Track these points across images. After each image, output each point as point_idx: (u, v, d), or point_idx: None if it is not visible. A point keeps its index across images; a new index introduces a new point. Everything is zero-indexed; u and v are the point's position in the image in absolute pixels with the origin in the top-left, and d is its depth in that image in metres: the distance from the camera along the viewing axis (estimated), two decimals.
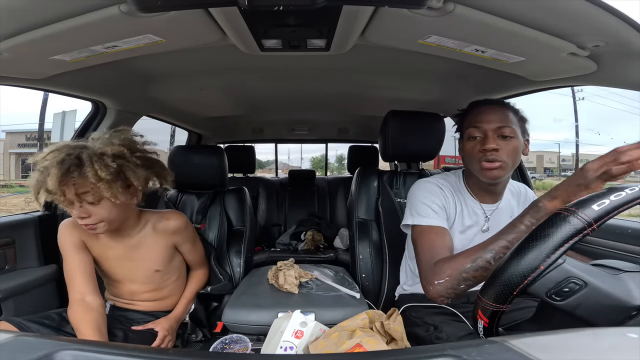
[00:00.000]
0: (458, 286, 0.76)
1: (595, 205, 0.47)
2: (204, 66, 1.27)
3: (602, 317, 0.47)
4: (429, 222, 0.94)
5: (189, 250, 1.15)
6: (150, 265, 1.05)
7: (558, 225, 0.47)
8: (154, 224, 1.05)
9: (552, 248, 0.46)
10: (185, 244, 1.13)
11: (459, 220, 1.01)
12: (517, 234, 0.69)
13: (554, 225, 0.47)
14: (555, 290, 0.47)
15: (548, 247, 0.46)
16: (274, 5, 0.62)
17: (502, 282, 0.48)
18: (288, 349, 0.69)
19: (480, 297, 0.51)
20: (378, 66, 1.28)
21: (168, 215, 1.09)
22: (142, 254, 1.03)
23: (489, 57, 0.91)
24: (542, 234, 0.47)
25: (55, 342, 0.37)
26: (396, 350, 0.55)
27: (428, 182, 1.02)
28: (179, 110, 1.89)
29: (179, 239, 1.10)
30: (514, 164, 0.92)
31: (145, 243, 1.03)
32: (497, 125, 0.90)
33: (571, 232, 0.46)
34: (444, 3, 0.67)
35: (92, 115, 1.43)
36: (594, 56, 0.85)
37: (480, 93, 1.39)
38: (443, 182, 1.03)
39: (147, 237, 1.04)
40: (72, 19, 0.71)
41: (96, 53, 0.87)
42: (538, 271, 0.46)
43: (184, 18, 0.75)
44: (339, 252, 2.31)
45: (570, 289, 0.47)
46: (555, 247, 0.46)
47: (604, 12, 0.65)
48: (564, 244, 0.46)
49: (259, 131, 2.69)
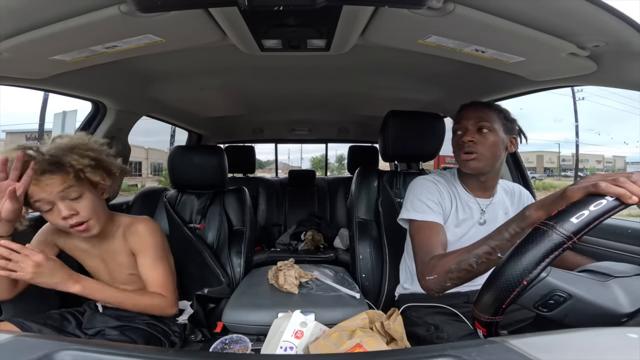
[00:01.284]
0: (445, 284, 0.80)
1: (574, 218, 0.48)
2: (204, 66, 1.27)
3: (591, 325, 0.48)
4: (424, 218, 0.98)
5: (148, 266, 0.98)
6: (124, 269, 1.02)
7: (538, 242, 0.48)
8: (124, 227, 1.01)
9: (533, 263, 0.47)
10: (143, 253, 0.98)
11: (454, 214, 1.05)
12: (501, 241, 0.70)
13: (534, 241, 0.48)
14: (541, 303, 0.49)
15: (529, 262, 0.47)
16: (274, 5, 0.62)
17: (491, 295, 0.49)
18: (288, 349, 0.69)
19: (474, 309, 0.52)
20: (378, 66, 1.28)
21: (139, 219, 1.03)
22: (115, 259, 1.01)
23: (489, 57, 0.91)
24: (523, 249, 0.48)
25: (55, 343, 0.37)
26: (396, 351, 0.55)
27: (424, 179, 1.08)
28: (179, 110, 1.89)
29: (136, 243, 0.99)
30: (493, 157, 0.99)
31: (117, 247, 1.00)
32: (475, 120, 0.99)
33: (550, 247, 0.47)
34: (444, 3, 0.67)
35: (92, 115, 1.43)
36: (594, 56, 0.84)
37: (480, 93, 1.39)
38: (438, 178, 1.09)
39: (119, 241, 1.00)
40: (72, 19, 0.71)
41: (96, 53, 0.87)
42: (521, 286, 0.47)
43: (184, 18, 0.75)
44: (339, 252, 2.31)
45: (556, 300, 0.48)
46: (537, 263, 0.47)
47: (604, 12, 0.65)
48: (544, 259, 0.47)
49: (259, 131, 2.69)
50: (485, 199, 1.08)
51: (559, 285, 0.48)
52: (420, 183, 1.06)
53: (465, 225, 1.05)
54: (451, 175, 1.11)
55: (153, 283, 0.98)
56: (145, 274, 0.99)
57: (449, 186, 1.08)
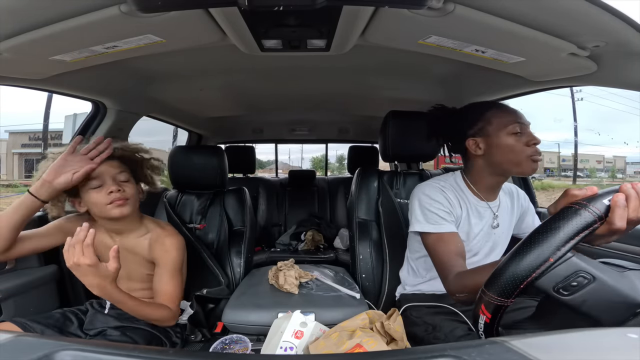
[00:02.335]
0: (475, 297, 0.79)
1: (606, 200, 0.48)
2: (204, 66, 1.28)
3: (608, 314, 0.47)
4: (439, 230, 0.96)
5: (164, 278, 1.01)
6: (142, 269, 1.06)
7: (569, 218, 0.46)
8: (153, 235, 1.05)
9: (563, 241, 0.46)
10: (163, 266, 1.02)
11: (466, 220, 1.02)
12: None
13: (565, 218, 0.47)
14: (563, 285, 0.47)
15: (559, 239, 0.46)
16: (274, 6, 0.62)
17: (509, 275, 0.48)
18: (288, 349, 0.69)
19: (485, 291, 0.50)
20: (378, 66, 1.28)
21: (168, 232, 1.07)
22: (134, 258, 1.04)
23: (489, 57, 0.91)
24: (552, 226, 0.47)
25: (55, 342, 0.37)
26: (396, 351, 0.55)
27: (430, 187, 1.03)
28: (179, 110, 1.89)
29: (160, 255, 1.03)
30: None
31: (139, 249, 1.04)
32: (525, 122, 0.96)
33: (582, 225, 0.46)
34: (444, 3, 0.67)
35: (92, 115, 1.43)
36: (594, 56, 0.84)
37: (480, 93, 1.39)
38: (443, 183, 1.04)
39: (142, 244, 1.04)
40: (73, 19, 0.71)
41: (96, 53, 0.87)
42: (547, 264, 0.46)
43: (184, 18, 0.75)
44: (339, 253, 2.31)
45: (579, 283, 0.46)
46: (566, 240, 0.46)
47: (604, 12, 0.65)
48: (575, 237, 0.46)
49: (259, 131, 2.69)
50: (494, 202, 1.06)
51: (584, 267, 0.47)
52: (428, 192, 1.02)
53: (476, 229, 1.03)
54: (455, 179, 1.07)
55: (163, 295, 1.01)
56: (159, 286, 1.02)
57: (456, 192, 1.04)
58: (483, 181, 1.03)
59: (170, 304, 1.01)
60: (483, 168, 1.01)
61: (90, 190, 0.96)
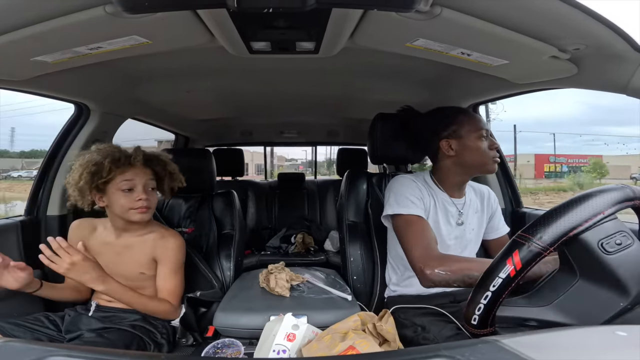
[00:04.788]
0: (453, 282, 0.83)
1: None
2: (191, 68, 1.26)
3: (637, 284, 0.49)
4: (411, 212, 1.01)
5: (166, 276, 1.08)
6: (137, 267, 1.08)
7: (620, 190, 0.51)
8: (156, 235, 1.10)
9: (620, 199, 0.50)
10: (165, 264, 1.09)
11: (433, 213, 1.09)
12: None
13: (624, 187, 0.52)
14: (608, 241, 0.49)
15: (616, 197, 0.50)
16: (263, 8, 0.62)
17: (560, 222, 0.49)
18: (281, 352, 0.69)
19: (524, 236, 0.51)
20: (367, 69, 1.29)
21: (171, 233, 1.14)
22: (131, 256, 1.08)
23: (474, 60, 0.92)
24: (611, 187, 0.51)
25: (42, 348, 0.36)
26: (390, 352, 0.55)
27: (403, 177, 1.13)
28: (166, 112, 1.86)
29: (163, 253, 1.09)
30: None
31: (138, 247, 1.09)
32: (486, 127, 1.07)
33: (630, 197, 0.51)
34: (431, 6, 0.68)
35: (74, 118, 1.39)
36: (574, 59, 0.87)
37: (466, 95, 1.42)
38: (415, 178, 1.13)
39: (143, 243, 1.09)
40: (55, 20, 0.69)
41: (80, 54, 0.85)
42: (600, 216, 0.49)
43: (171, 19, 0.74)
44: (330, 255, 2.31)
45: (622, 242, 0.49)
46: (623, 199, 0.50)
47: (585, 15, 0.67)
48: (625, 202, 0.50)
49: (247, 134, 2.67)
50: (460, 199, 1.12)
51: (627, 229, 0.50)
52: (401, 181, 1.10)
53: (441, 223, 1.09)
54: (424, 176, 1.15)
55: (165, 291, 1.08)
56: (161, 283, 1.09)
57: (426, 187, 1.11)
58: (449, 179, 1.12)
59: (170, 299, 1.07)
60: (450, 168, 1.10)
61: (120, 191, 1.01)
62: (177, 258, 1.10)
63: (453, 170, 1.10)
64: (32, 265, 1.24)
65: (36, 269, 1.24)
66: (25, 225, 1.29)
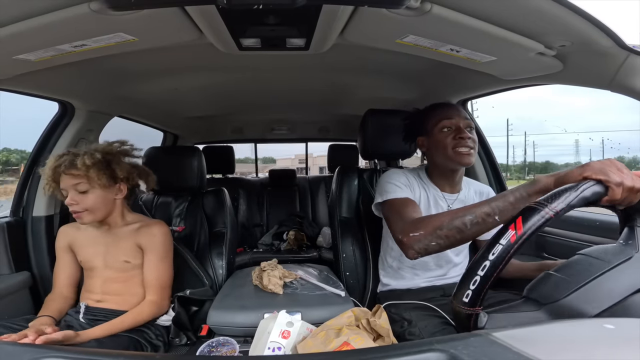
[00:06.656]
0: (430, 242, 0.77)
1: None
2: (179, 65, 1.24)
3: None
4: (397, 195, 1.02)
5: (153, 264, 1.09)
6: (121, 256, 1.10)
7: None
8: (140, 225, 1.12)
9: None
10: (151, 252, 1.09)
11: (425, 205, 1.09)
12: (504, 204, 0.70)
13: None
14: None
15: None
16: (253, 4, 0.61)
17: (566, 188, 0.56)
18: (276, 349, 0.69)
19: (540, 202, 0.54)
20: (357, 65, 1.29)
21: (155, 222, 1.16)
22: (117, 245, 1.10)
23: (463, 56, 0.93)
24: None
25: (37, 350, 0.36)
26: (384, 347, 0.56)
27: (392, 170, 1.15)
28: (154, 110, 1.82)
29: (148, 241, 1.10)
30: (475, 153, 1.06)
31: (123, 236, 1.11)
32: (465, 120, 1.05)
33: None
34: (421, 3, 0.69)
35: (58, 117, 1.35)
36: (560, 56, 0.89)
37: (456, 91, 1.43)
38: (407, 171, 1.14)
39: (128, 233, 1.11)
40: (38, 17, 0.67)
41: (63, 52, 0.83)
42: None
43: (158, 16, 0.72)
44: (322, 251, 2.32)
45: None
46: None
47: (570, 12, 0.68)
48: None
49: (237, 131, 2.64)
50: (452, 195, 1.13)
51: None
52: (389, 172, 1.12)
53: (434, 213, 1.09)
54: (418, 171, 1.16)
55: (152, 281, 1.08)
56: (148, 272, 1.09)
57: (418, 180, 1.13)
58: (435, 175, 1.13)
59: (158, 289, 1.08)
60: (431, 163, 1.13)
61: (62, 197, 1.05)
62: (163, 245, 1.11)
63: (434, 166, 1.13)
64: (18, 267, 1.23)
65: (23, 270, 1.22)
66: (12, 227, 1.26)
